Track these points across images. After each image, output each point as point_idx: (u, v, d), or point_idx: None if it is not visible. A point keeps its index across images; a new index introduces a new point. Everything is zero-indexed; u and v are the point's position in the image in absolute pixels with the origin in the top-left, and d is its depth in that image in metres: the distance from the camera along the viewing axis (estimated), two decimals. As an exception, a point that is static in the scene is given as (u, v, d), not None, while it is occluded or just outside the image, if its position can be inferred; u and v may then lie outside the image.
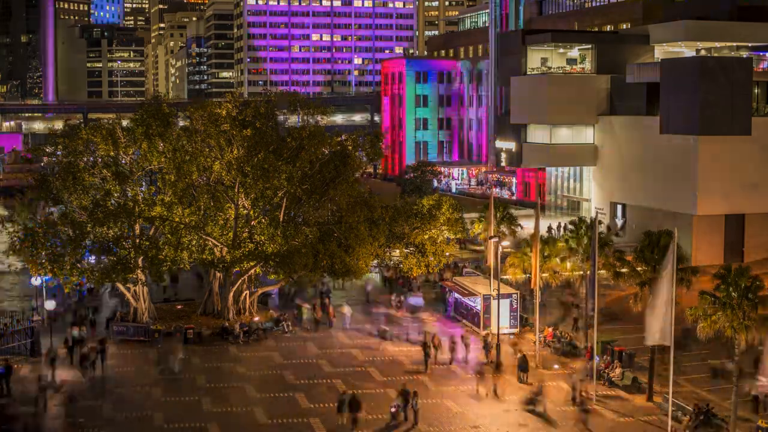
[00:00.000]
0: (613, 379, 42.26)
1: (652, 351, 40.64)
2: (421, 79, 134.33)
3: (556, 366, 44.93)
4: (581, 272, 49.45)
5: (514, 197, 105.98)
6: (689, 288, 39.79)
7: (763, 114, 72.88)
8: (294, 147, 52.22)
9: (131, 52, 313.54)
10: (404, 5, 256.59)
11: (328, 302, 54.84)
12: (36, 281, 51.07)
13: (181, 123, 55.46)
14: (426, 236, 55.25)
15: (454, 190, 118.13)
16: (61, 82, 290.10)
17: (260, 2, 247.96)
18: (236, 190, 51.19)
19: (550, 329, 49.43)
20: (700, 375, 43.18)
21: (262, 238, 50.88)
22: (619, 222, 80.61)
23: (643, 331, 36.87)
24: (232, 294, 51.79)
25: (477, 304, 51.53)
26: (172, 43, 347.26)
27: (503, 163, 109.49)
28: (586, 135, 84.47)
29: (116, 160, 51.62)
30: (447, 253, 56.59)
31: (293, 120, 56.58)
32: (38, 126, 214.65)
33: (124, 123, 53.13)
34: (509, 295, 51.22)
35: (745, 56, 77.05)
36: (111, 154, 51.26)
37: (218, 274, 52.69)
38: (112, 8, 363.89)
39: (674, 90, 70.97)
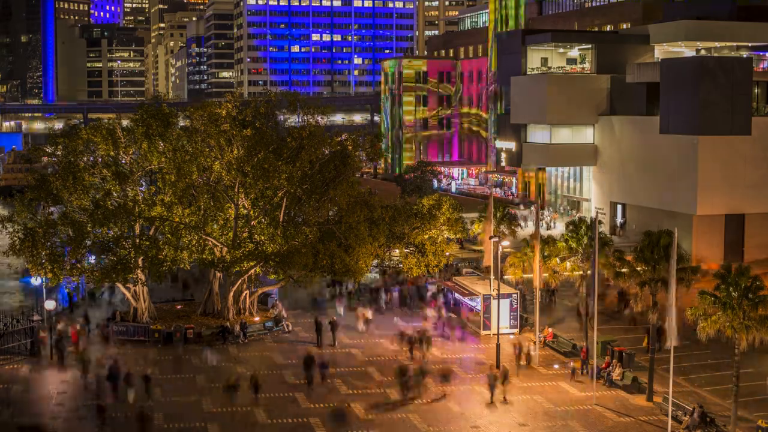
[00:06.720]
0: (613, 379, 42.25)
1: (651, 351, 40.69)
2: (421, 78, 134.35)
3: (556, 366, 44.93)
4: (581, 272, 49.43)
5: (514, 198, 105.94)
6: (689, 288, 39.80)
7: (763, 114, 72.93)
8: (294, 147, 52.19)
9: (131, 52, 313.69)
10: (404, 5, 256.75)
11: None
12: (36, 281, 51.05)
13: (182, 123, 55.37)
14: (426, 236, 55.23)
15: (454, 190, 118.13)
16: (61, 82, 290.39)
17: (260, 2, 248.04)
18: (236, 190, 51.16)
19: (550, 329, 49.42)
20: (701, 375, 43.21)
21: (262, 238, 50.87)
22: (618, 222, 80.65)
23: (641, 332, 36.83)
24: (232, 294, 51.80)
25: (477, 303, 51.54)
26: (172, 43, 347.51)
27: (503, 163, 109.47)
28: (586, 135, 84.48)
29: (116, 160, 51.59)
30: (447, 253, 56.54)
31: (293, 120, 56.51)
32: (38, 126, 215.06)
33: (124, 123, 53.10)
34: (509, 295, 51.22)
35: (745, 56, 77.08)
36: (111, 154, 51.22)
37: (218, 274, 52.68)
38: (112, 8, 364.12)
39: (674, 90, 70.98)
